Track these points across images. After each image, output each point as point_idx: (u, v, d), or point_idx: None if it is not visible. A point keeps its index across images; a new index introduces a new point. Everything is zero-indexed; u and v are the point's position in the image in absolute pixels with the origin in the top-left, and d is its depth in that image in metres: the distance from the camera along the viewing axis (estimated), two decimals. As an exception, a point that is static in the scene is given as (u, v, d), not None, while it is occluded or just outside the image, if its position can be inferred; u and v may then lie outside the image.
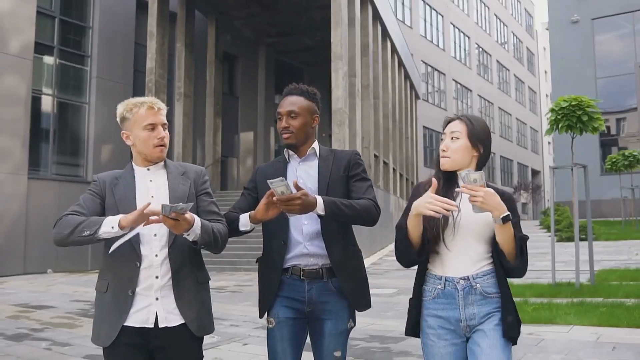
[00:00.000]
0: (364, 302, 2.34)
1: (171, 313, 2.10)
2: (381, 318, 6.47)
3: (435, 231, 2.00)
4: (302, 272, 2.26)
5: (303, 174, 2.34)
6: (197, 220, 2.05)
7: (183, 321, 2.11)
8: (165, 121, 2.22)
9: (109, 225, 1.98)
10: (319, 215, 2.16)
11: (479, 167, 2.07)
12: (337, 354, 2.26)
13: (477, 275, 2.00)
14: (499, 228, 1.91)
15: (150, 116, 2.18)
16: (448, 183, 2.07)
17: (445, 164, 2.07)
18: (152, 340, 2.09)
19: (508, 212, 1.87)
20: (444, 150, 2.08)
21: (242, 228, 2.25)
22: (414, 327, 2.12)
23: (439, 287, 2.03)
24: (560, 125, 7.45)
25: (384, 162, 18.98)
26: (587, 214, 8.07)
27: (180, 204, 1.93)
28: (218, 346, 5.30)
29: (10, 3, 13.39)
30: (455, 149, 2.05)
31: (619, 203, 20.49)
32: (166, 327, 2.08)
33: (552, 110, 7.63)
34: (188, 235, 2.03)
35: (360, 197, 2.28)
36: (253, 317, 6.75)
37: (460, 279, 2.00)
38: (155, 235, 2.11)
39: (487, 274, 2.01)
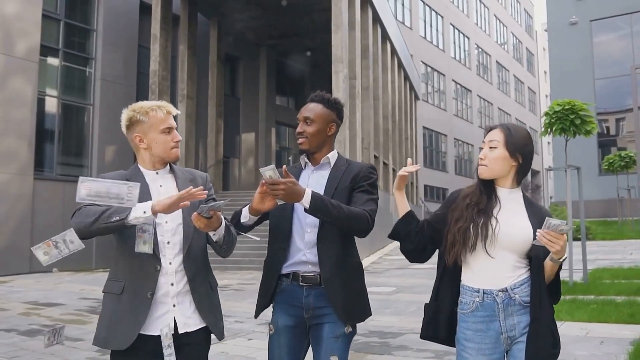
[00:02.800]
0: (353, 316, 2.29)
1: (190, 318, 2.12)
2: (381, 315, 6.71)
3: (472, 239, 1.99)
4: (301, 278, 2.27)
5: (314, 182, 2.34)
6: (224, 220, 2.10)
7: (201, 326, 2.14)
8: (176, 125, 2.31)
9: (141, 210, 1.95)
10: (305, 209, 2.16)
11: (518, 177, 2.07)
12: (334, 358, 2.22)
13: (515, 286, 1.98)
14: (552, 265, 1.93)
15: (167, 119, 2.22)
16: (487, 192, 2.06)
17: (484, 173, 2.06)
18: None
19: (566, 256, 1.91)
20: (482, 159, 2.06)
21: (242, 220, 2.26)
22: (431, 331, 2.11)
23: (477, 299, 2.00)
24: (554, 129, 7.69)
25: (384, 163, 19.21)
26: (581, 214, 8.31)
27: (218, 202, 1.95)
28: (224, 341, 5.53)
29: (17, 7, 13.62)
30: (493, 158, 2.03)
31: (616, 203, 20.74)
32: (186, 332, 2.11)
33: (546, 114, 7.88)
34: (215, 235, 2.08)
35: (357, 207, 2.24)
36: (257, 314, 6.99)
37: (499, 291, 1.97)
38: (168, 243, 2.13)
39: (524, 283, 1.98)
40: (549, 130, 7.83)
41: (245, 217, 2.25)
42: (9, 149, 13.36)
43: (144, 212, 1.95)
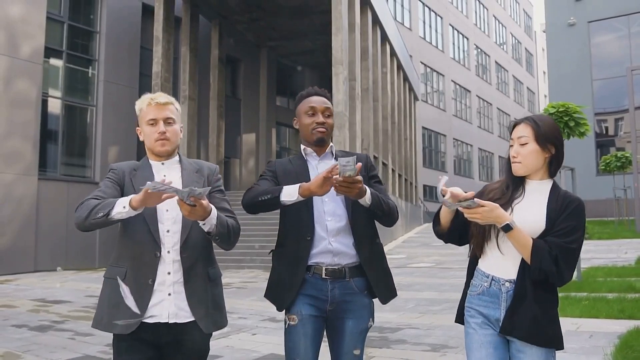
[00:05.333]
0: (392, 295, 2.40)
1: (182, 310, 2.12)
2: (380, 311, 6.86)
3: (487, 229, 2.04)
4: (324, 271, 2.27)
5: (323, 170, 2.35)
6: (214, 210, 2.05)
7: (192, 318, 2.12)
8: (170, 115, 2.23)
9: (121, 205, 1.97)
10: (366, 205, 2.22)
11: (552, 169, 2.07)
12: (357, 352, 2.29)
13: None
14: (507, 235, 1.96)
15: (151, 111, 2.21)
16: (515, 186, 2.08)
17: (519, 170, 2.06)
18: (163, 336, 2.11)
19: (507, 222, 1.91)
20: (514, 157, 2.06)
21: (284, 198, 2.19)
22: (460, 317, 2.19)
23: (485, 284, 2.05)
24: (548, 131, 7.89)
25: (383, 163, 19.42)
26: (575, 214, 8.51)
27: (198, 188, 1.89)
28: (228, 336, 5.75)
29: (22, 9, 13.84)
30: (525, 154, 2.04)
31: (613, 203, 20.95)
32: (176, 322, 2.10)
33: (541, 116, 8.10)
34: (204, 224, 2.03)
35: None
36: (259, 311, 7.20)
37: (506, 280, 2.01)
38: (168, 231, 2.14)
39: None
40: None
41: (292, 195, 2.17)
42: (14, 150, 13.57)
43: (124, 207, 1.97)
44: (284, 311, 2.34)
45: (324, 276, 2.27)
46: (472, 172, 39.02)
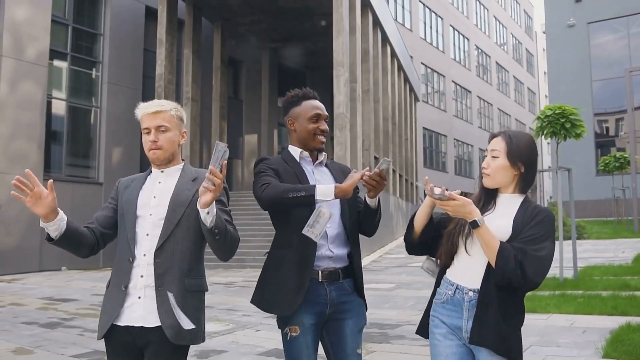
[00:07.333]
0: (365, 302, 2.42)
1: (151, 314, 2.07)
2: (380, 309, 7.10)
3: (456, 238, 2.05)
4: (321, 274, 2.25)
5: (320, 177, 2.38)
6: (216, 208, 2.00)
7: (159, 324, 2.07)
8: (162, 123, 2.17)
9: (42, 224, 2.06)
10: (374, 205, 2.29)
11: (522, 186, 2.05)
12: (359, 351, 2.30)
13: None
14: (475, 232, 1.95)
15: (145, 120, 2.18)
16: (488, 199, 2.09)
17: (487, 182, 2.07)
18: (137, 340, 2.09)
19: (475, 219, 1.90)
20: (484, 168, 2.07)
21: (320, 197, 2.13)
22: (423, 328, 2.17)
23: (449, 292, 2.05)
24: (545, 132, 8.07)
25: (384, 164, 19.56)
26: (571, 214, 8.69)
27: (227, 148, 1.86)
28: (233, 332, 5.93)
29: (27, 12, 14.03)
30: (495, 168, 2.04)
31: (612, 203, 21.11)
32: (142, 326, 2.07)
33: (538, 118, 8.28)
34: (208, 213, 1.97)
35: None
36: (263, 308, 7.37)
37: (470, 290, 2.00)
38: (147, 235, 2.13)
39: None
40: (540, 133, 8.23)
41: (328, 196, 2.13)
42: (20, 151, 13.75)
43: (42, 224, 2.09)
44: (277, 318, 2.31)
45: (320, 279, 2.26)
46: (472, 173, 39.16)
